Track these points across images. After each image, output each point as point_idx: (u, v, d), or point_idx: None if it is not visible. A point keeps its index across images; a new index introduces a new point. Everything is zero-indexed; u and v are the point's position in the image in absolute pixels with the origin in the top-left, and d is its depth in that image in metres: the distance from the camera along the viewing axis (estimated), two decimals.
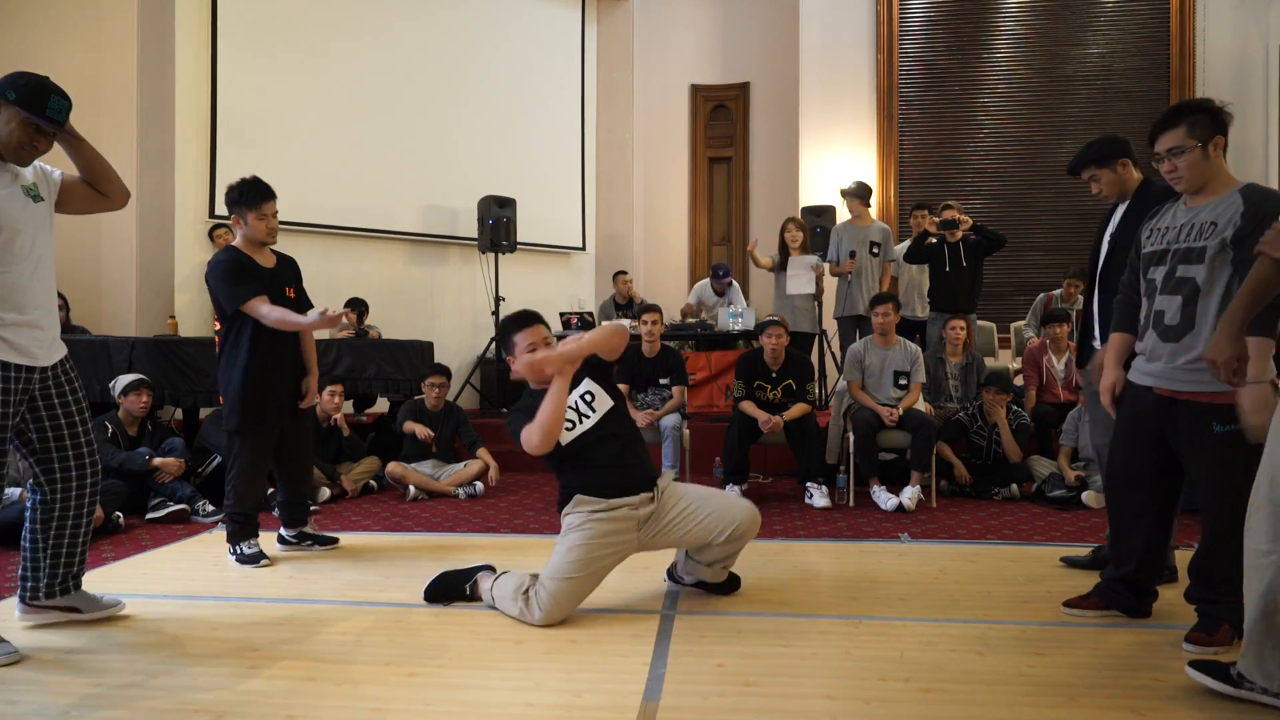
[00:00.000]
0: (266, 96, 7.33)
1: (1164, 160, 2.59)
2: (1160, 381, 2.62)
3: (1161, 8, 8.33)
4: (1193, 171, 2.54)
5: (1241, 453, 2.45)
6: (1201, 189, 2.57)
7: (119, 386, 4.86)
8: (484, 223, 7.72)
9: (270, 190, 3.63)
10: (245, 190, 3.61)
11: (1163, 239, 2.65)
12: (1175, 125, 2.54)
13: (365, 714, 2.16)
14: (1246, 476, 2.44)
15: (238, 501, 3.67)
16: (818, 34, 8.70)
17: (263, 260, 3.68)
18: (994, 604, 3.06)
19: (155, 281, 6.99)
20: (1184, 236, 2.58)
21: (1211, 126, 2.52)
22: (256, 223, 3.61)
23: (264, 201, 3.61)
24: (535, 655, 2.57)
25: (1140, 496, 2.75)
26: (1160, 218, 2.72)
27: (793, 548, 4.03)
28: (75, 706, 2.21)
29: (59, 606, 2.83)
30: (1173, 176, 2.60)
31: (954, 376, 5.78)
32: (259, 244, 3.67)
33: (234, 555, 3.70)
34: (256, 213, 3.60)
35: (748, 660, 2.51)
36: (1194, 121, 2.52)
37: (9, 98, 2.50)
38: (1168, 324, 2.58)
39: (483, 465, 5.60)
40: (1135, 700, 2.21)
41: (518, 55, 8.85)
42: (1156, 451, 2.68)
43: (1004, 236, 6.13)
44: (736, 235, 9.68)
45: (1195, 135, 2.51)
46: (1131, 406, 2.75)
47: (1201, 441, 2.53)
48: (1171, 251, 2.60)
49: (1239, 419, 2.29)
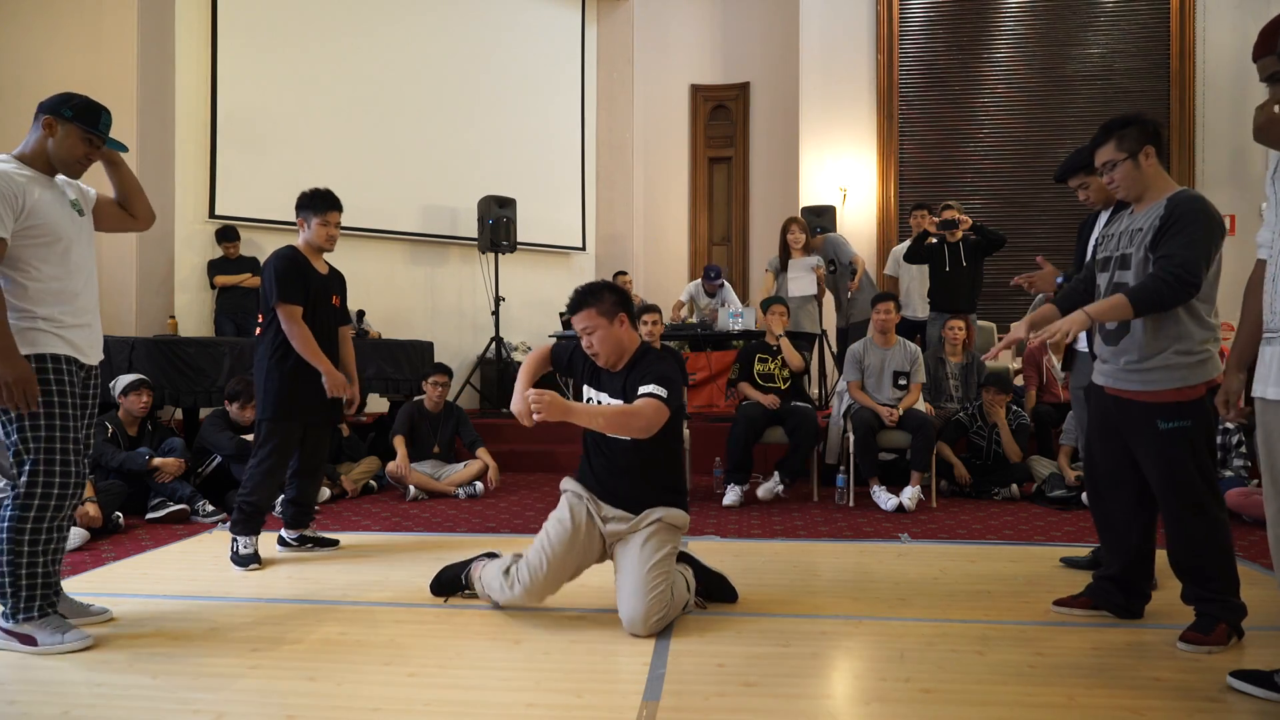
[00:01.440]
0: (266, 96, 7.33)
1: (1104, 174, 2.72)
2: (1109, 381, 2.74)
3: (1161, 8, 8.33)
4: (1127, 181, 2.66)
5: (1189, 449, 2.57)
6: (1141, 197, 2.68)
7: (119, 386, 4.86)
8: (484, 223, 7.72)
9: (339, 202, 3.78)
10: (315, 197, 3.75)
11: (1107, 246, 2.78)
12: (1105, 141, 2.69)
13: (365, 714, 2.16)
14: (1199, 470, 2.54)
15: (253, 490, 3.67)
16: (818, 34, 8.70)
17: (318, 266, 3.80)
18: (994, 604, 3.07)
19: (155, 281, 6.99)
20: (1120, 244, 2.71)
21: (1139, 138, 2.63)
22: (320, 229, 3.75)
23: (330, 210, 3.75)
24: (535, 655, 2.57)
25: (1122, 495, 2.80)
26: (1111, 224, 2.84)
27: (793, 548, 4.03)
28: (75, 706, 2.21)
29: None
30: (1112, 188, 2.75)
31: (954, 376, 5.78)
32: (317, 249, 3.79)
33: (231, 552, 3.65)
34: (321, 219, 3.74)
35: (748, 660, 2.51)
36: (1122, 135, 2.65)
37: (66, 115, 2.66)
38: (1108, 328, 2.71)
39: (482, 465, 5.60)
40: (1135, 700, 2.22)
41: (518, 55, 8.85)
42: (1127, 448, 2.74)
43: (1004, 236, 6.13)
44: (736, 235, 9.68)
45: (1123, 148, 2.64)
46: (1096, 405, 2.85)
47: (1149, 439, 2.62)
48: (1113, 259, 2.73)
49: (1182, 415, 2.53)
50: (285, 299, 3.61)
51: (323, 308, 3.76)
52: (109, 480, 4.58)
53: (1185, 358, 2.55)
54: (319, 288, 3.75)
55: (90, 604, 2.92)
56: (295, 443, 3.77)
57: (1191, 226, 2.49)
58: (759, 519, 4.69)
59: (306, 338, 3.62)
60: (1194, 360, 2.55)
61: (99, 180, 2.86)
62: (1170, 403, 2.56)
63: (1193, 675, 2.37)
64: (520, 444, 6.73)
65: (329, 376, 3.66)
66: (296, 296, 3.63)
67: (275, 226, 7.20)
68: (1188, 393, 2.55)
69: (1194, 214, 2.51)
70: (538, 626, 2.81)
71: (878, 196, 8.72)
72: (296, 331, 3.61)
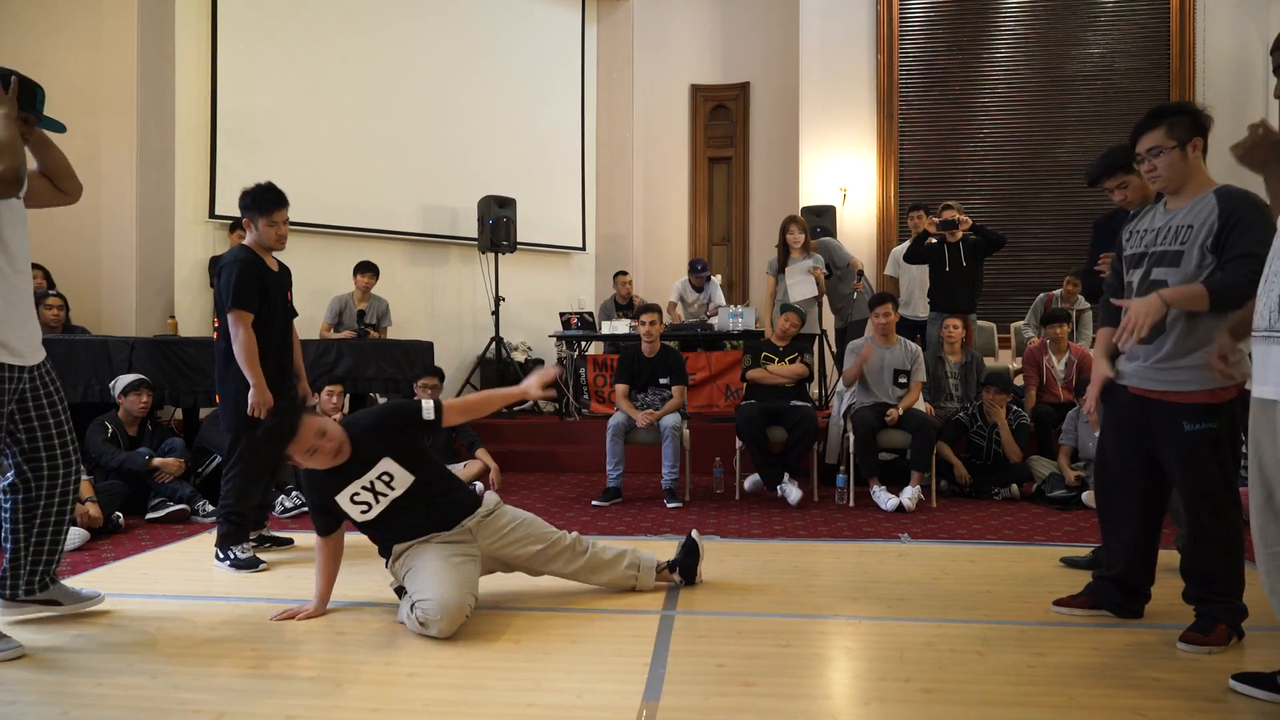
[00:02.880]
0: (266, 96, 7.33)
1: (1144, 160, 2.65)
2: (1134, 380, 2.69)
3: (1161, 8, 8.33)
4: (1170, 171, 2.60)
5: (1213, 451, 2.54)
6: (1180, 190, 2.63)
7: (119, 386, 4.86)
8: (484, 223, 7.72)
9: (284, 198, 3.65)
10: (259, 196, 3.62)
11: (1141, 242, 2.72)
12: (1155, 126, 2.61)
13: (365, 714, 2.16)
14: (1221, 474, 2.51)
15: (238, 501, 3.65)
16: (818, 34, 8.70)
17: (270, 264, 3.73)
18: (994, 604, 3.06)
19: (155, 281, 6.98)
20: (1160, 240, 2.64)
21: (1190, 128, 2.58)
22: (267, 229, 3.63)
23: (277, 209, 3.63)
24: (535, 655, 2.57)
25: (1131, 496, 2.78)
26: (1140, 220, 2.78)
27: (793, 548, 4.03)
28: (75, 706, 2.21)
29: (38, 600, 2.85)
30: (1151, 176, 2.66)
31: (954, 376, 5.78)
32: (267, 249, 3.70)
33: (227, 561, 3.60)
34: (268, 219, 3.62)
35: (748, 660, 2.51)
36: (1173, 123, 2.58)
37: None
38: None
39: (483, 466, 5.58)
40: (1135, 700, 2.22)
41: (518, 55, 8.85)
42: (1143, 449, 2.72)
43: (1004, 236, 6.13)
44: (736, 235, 9.68)
45: (1174, 136, 2.57)
46: (1114, 405, 2.81)
47: (1174, 440, 2.59)
48: (1148, 255, 2.66)
49: (1209, 418, 2.47)
50: (240, 305, 3.52)
51: (279, 308, 3.69)
52: (109, 480, 4.58)
53: None
54: (275, 287, 3.68)
55: (80, 589, 2.94)
56: None
57: (1252, 222, 2.44)
58: (759, 519, 4.69)
59: (251, 349, 3.52)
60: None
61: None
62: (1200, 404, 2.52)
63: (1193, 675, 2.37)
64: (520, 444, 6.73)
65: (257, 392, 3.52)
66: (252, 304, 3.54)
67: None
68: (1220, 394, 2.52)
69: (1252, 209, 2.46)
70: (538, 626, 2.81)
71: (878, 196, 8.72)
72: (243, 339, 3.51)
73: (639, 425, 5.27)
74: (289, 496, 4.88)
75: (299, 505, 4.87)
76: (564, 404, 7.18)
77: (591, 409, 6.96)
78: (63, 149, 2.77)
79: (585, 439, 6.64)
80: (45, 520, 2.80)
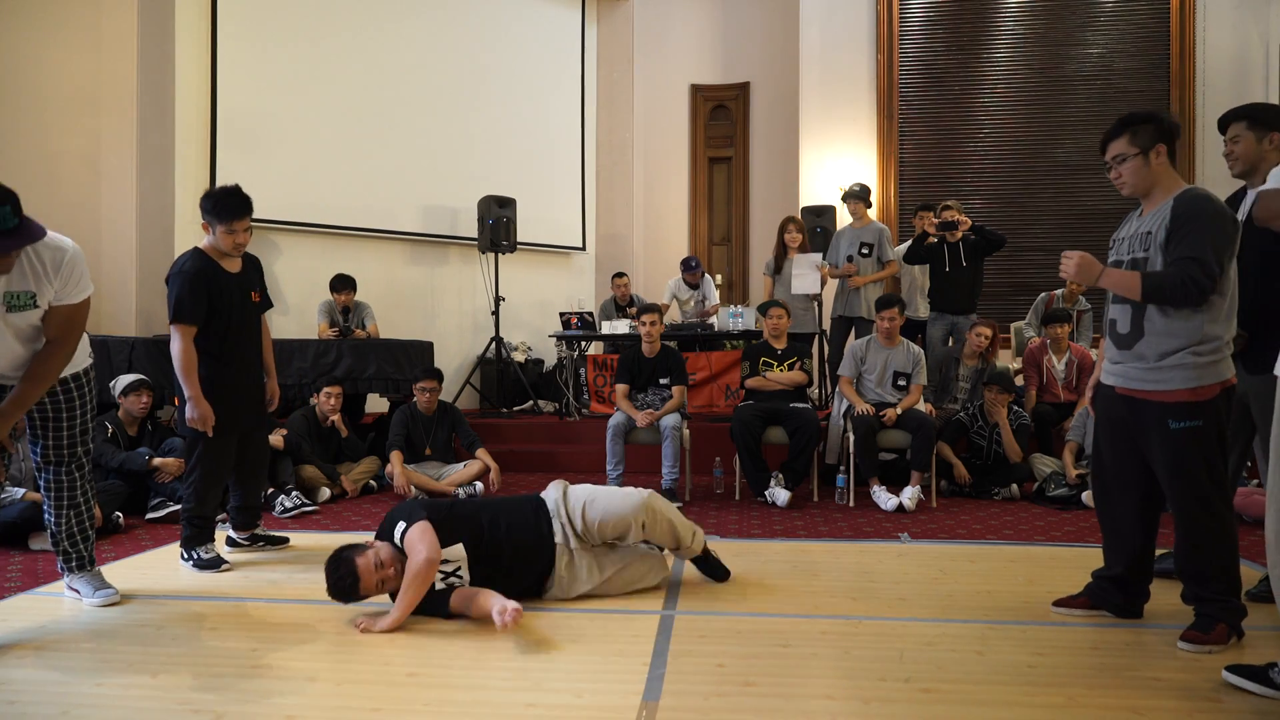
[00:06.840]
0: (266, 96, 7.33)
1: (1110, 167, 2.70)
2: (1119, 380, 2.72)
3: (1161, 8, 8.32)
4: (1134, 177, 2.66)
5: (1200, 448, 2.55)
6: (1148, 195, 2.68)
7: (119, 386, 4.86)
8: (484, 223, 7.71)
9: (247, 206, 3.52)
10: (221, 202, 3.49)
11: (1118, 250, 2.77)
12: (1120, 134, 2.67)
13: (365, 714, 2.17)
14: (1209, 472, 2.52)
15: (199, 504, 3.62)
16: (818, 34, 8.69)
17: (229, 266, 3.60)
18: (994, 604, 3.07)
19: (155, 282, 6.97)
20: (1131, 247, 2.70)
21: (1154, 135, 2.62)
22: (225, 236, 3.51)
23: (235, 219, 3.49)
24: (535, 655, 2.57)
25: (1129, 497, 2.79)
26: (1120, 228, 2.83)
27: (792, 548, 4.03)
28: (75, 706, 2.21)
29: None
30: (1118, 182, 2.72)
31: (964, 379, 5.77)
32: (224, 254, 3.59)
33: (191, 561, 3.60)
34: (226, 227, 3.49)
35: (748, 660, 2.51)
36: (1137, 130, 2.64)
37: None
38: (1120, 332, 2.70)
39: (483, 466, 5.58)
40: (1135, 700, 2.22)
41: (518, 55, 8.85)
42: (1136, 450, 2.73)
43: (1004, 236, 6.13)
44: (736, 235, 9.68)
45: (1136, 143, 2.63)
46: (1104, 405, 2.83)
47: (1160, 439, 2.60)
48: (1123, 263, 2.72)
49: (1194, 415, 2.51)
50: (180, 319, 3.46)
51: (239, 310, 3.59)
52: (109, 480, 4.59)
53: (1198, 357, 2.53)
54: (232, 290, 3.57)
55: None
56: (232, 450, 3.68)
57: (1201, 225, 2.48)
58: (759, 519, 4.69)
59: (189, 362, 3.47)
60: (1207, 360, 2.54)
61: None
62: (1183, 403, 2.54)
63: (1193, 675, 2.38)
64: (520, 444, 6.73)
65: (195, 404, 3.46)
66: (192, 317, 3.47)
67: (275, 226, 7.20)
68: (1201, 392, 2.54)
69: (1201, 213, 2.51)
70: (538, 626, 2.81)
71: (878, 196, 8.70)
72: (180, 351, 3.47)
73: (639, 425, 5.27)
74: (289, 496, 4.88)
75: (299, 505, 4.87)
76: (564, 404, 7.18)
77: (591, 409, 6.97)
78: (63, 149, 2.75)
79: (585, 439, 6.64)
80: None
